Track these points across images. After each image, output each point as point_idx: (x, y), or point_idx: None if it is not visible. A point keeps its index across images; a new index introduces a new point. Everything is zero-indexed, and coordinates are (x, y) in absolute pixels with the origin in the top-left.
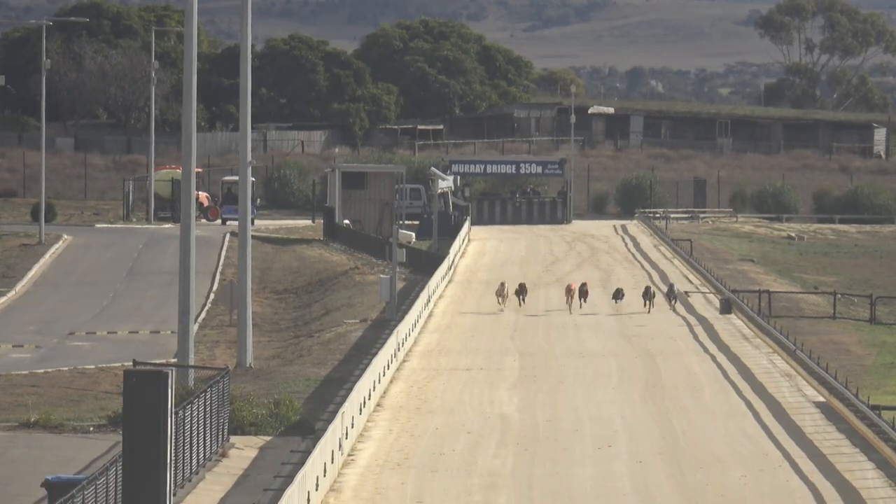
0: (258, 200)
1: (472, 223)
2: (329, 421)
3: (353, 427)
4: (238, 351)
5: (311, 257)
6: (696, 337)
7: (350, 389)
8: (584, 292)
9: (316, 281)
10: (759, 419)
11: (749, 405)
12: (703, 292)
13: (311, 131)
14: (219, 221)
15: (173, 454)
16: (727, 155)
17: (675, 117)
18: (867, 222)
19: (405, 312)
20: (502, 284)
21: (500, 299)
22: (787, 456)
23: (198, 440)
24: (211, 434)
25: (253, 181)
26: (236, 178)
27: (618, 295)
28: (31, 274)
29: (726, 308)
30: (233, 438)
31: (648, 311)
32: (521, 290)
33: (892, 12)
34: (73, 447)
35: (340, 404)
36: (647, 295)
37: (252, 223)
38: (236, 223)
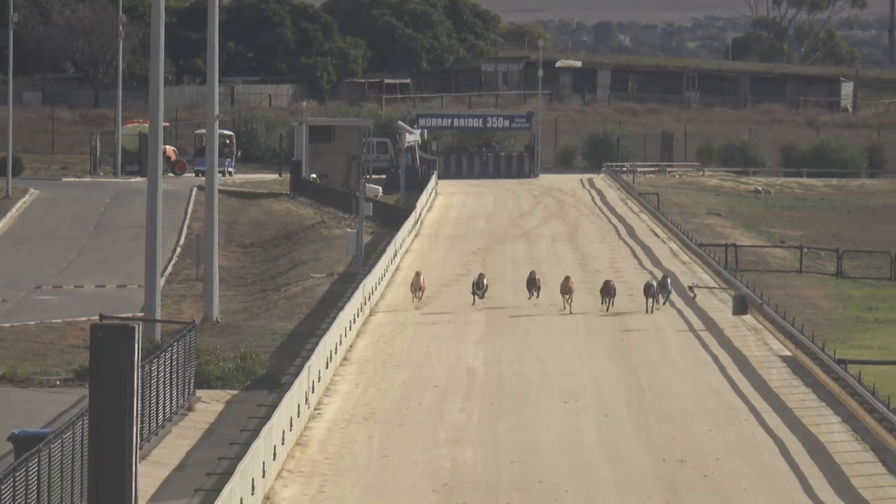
0: (238, 153)
1: (440, 177)
2: (295, 375)
3: (319, 381)
4: (204, 305)
5: (278, 211)
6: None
7: (316, 343)
8: (535, 282)
9: (283, 235)
10: (725, 373)
11: (715, 359)
12: (711, 287)
13: (279, 85)
14: (192, 174)
15: (140, 408)
16: (694, 109)
17: (642, 71)
18: (834, 176)
19: (372, 266)
20: (417, 274)
21: (415, 294)
22: (753, 410)
23: (164, 394)
24: (177, 388)
25: (232, 135)
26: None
27: (608, 292)
28: None
29: (740, 307)
30: (199, 392)
31: (650, 311)
32: (479, 284)
33: None
34: (40, 401)
35: (307, 358)
36: (649, 292)
37: (230, 175)
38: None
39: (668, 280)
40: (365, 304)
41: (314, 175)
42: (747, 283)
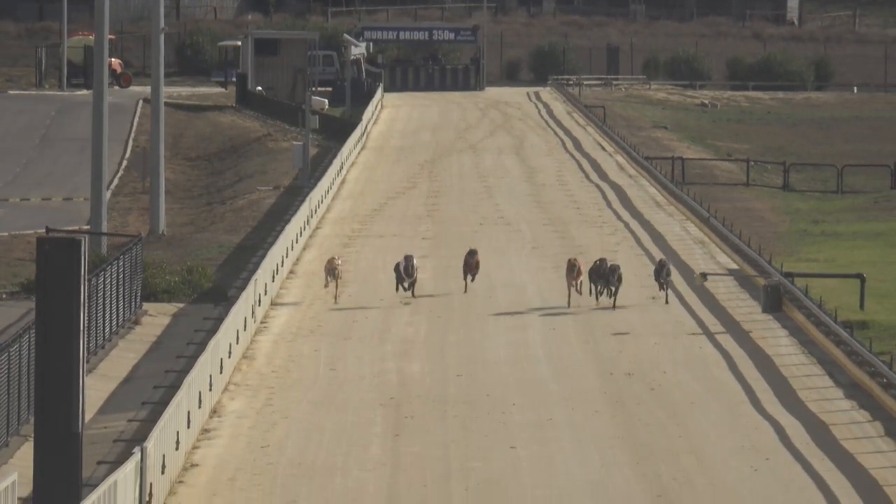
0: None
1: (385, 90)
2: (242, 288)
3: (265, 294)
4: (151, 218)
5: (224, 124)
6: (609, 204)
7: (263, 256)
8: (471, 265)
9: (229, 148)
10: (672, 287)
11: None
12: (721, 274)
13: None
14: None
15: (87, 321)
16: (640, 22)
17: None
18: (780, 89)
19: (318, 179)
20: (331, 261)
21: (328, 279)
22: (700, 323)
23: (111, 307)
24: (124, 301)
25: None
26: (234, 42)
27: (602, 275)
28: None
29: (773, 302)
30: (146, 305)
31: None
32: (408, 271)
33: None
34: None
35: (253, 271)
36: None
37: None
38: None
39: (667, 263)
40: (311, 216)
41: (260, 88)
42: (694, 196)
